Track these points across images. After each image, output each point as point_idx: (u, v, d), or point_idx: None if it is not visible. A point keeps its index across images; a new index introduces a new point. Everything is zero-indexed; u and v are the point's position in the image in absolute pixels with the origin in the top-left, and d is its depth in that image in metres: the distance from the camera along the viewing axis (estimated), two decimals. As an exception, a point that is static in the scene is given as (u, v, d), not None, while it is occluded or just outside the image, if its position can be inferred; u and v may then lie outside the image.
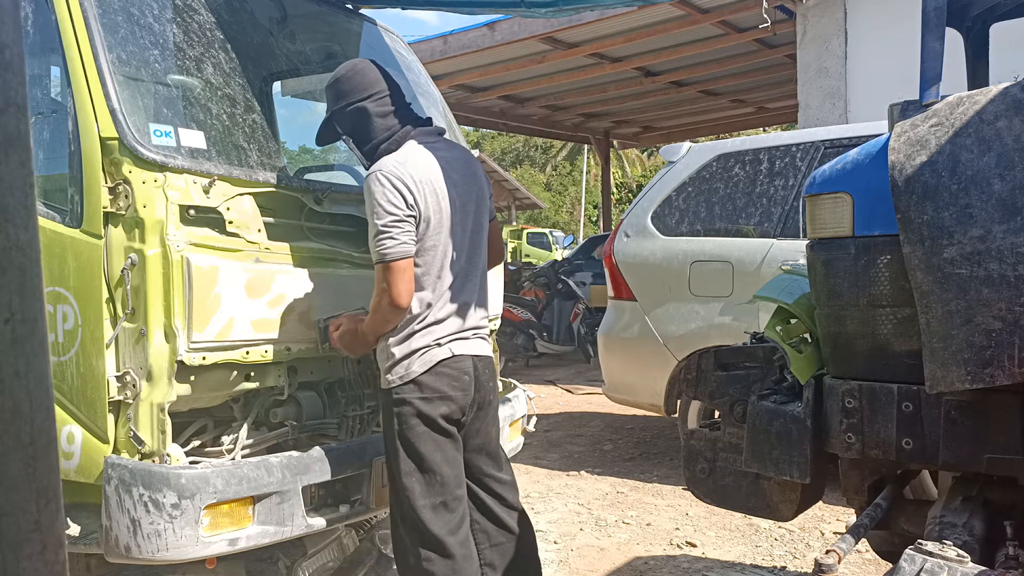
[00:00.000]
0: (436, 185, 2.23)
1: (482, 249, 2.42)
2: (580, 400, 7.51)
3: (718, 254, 4.48)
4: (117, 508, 2.05)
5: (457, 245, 2.30)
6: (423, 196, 2.19)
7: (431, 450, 2.24)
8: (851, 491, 2.19)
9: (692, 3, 7.60)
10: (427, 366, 2.24)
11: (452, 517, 2.27)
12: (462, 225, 2.31)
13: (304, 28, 2.94)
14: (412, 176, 2.18)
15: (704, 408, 4.31)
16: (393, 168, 2.18)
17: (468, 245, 2.34)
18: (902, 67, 3.70)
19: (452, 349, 2.28)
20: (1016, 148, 1.70)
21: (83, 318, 2.15)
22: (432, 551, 2.22)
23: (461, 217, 2.31)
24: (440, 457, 2.26)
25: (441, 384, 2.25)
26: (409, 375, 2.24)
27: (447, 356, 2.27)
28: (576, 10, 3.09)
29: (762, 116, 14.05)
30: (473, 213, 2.37)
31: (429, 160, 2.26)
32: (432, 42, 9.23)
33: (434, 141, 2.34)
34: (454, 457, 2.30)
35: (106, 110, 2.12)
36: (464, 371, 2.30)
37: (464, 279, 2.33)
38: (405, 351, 2.24)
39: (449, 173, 2.29)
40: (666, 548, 3.72)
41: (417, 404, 2.23)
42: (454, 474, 2.29)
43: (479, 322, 2.40)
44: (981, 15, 2.46)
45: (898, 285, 1.88)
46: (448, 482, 2.26)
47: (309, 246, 2.47)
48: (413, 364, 2.24)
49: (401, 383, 2.24)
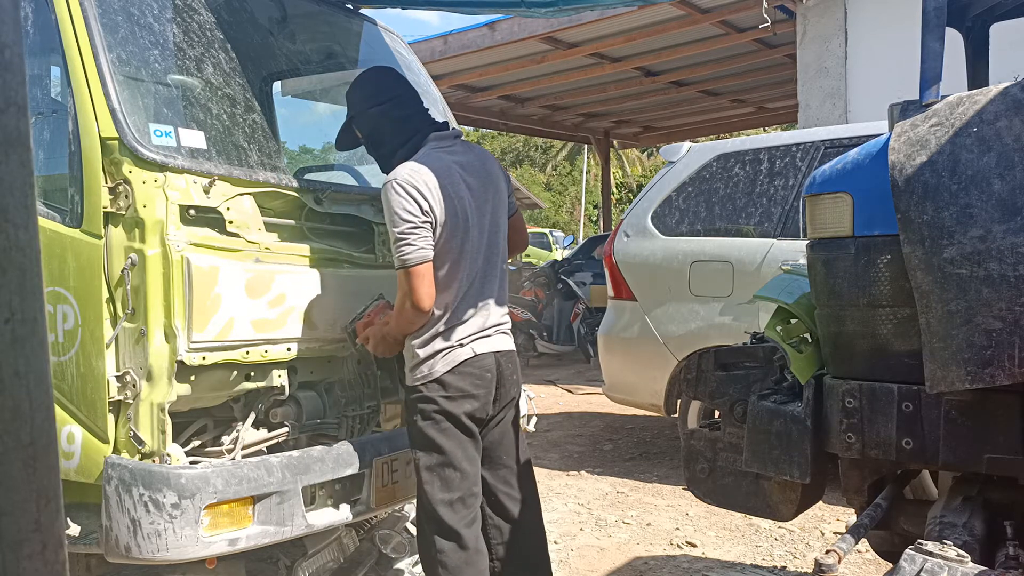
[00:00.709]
0: (451, 190, 2.27)
1: (500, 248, 2.46)
2: (580, 400, 7.51)
3: (718, 254, 4.48)
4: (117, 508, 2.05)
5: (475, 247, 2.34)
6: (438, 201, 2.22)
7: (452, 447, 2.30)
8: (851, 491, 2.19)
9: (692, 3, 7.60)
10: (450, 366, 2.29)
11: (468, 512, 2.32)
12: (479, 227, 2.35)
13: (304, 28, 2.94)
14: (426, 183, 2.22)
15: (704, 408, 4.32)
16: (408, 176, 2.21)
17: (486, 246, 2.38)
18: (902, 67, 3.70)
19: (474, 348, 2.33)
20: (1016, 148, 1.70)
21: (83, 318, 2.15)
22: (448, 543, 2.27)
23: (478, 219, 2.35)
24: (461, 454, 2.31)
25: (464, 383, 2.30)
26: (433, 374, 2.29)
27: (469, 356, 2.31)
28: (576, 10, 3.09)
29: (762, 116, 14.05)
30: (490, 214, 2.40)
31: (444, 165, 2.30)
32: (432, 42, 9.22)
33: (450, 145, 2.39)
34: (473, 455, 2.36)
35: (106, 110, 2.12)
36: (487, 369, 2.35)
37: (483, 279, 2.37)
38: (429, 352, 2.29)
39: (464, 177, 2.33)
40: (666, 548, 3.72)
41: (441, 402, 2.28)
42: (473, 471, 2.35)
43: (500, 319, 2.44)
44: (981, 15, 2.46)
45: (898, 285, 1.88)
46: (468, 478, 2.32)
47: (309, 246, 2.47)
48: (436, 364, 2.29)
49: (425, 381, 2.30)
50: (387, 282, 2.62)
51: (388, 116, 2.37)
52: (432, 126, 2.40)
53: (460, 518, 2.29)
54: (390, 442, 2.59)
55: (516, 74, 10.23)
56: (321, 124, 3.83)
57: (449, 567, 2.26)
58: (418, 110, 2.43)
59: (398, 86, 2.43)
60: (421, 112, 2.43)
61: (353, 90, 2.43)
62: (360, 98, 2.41)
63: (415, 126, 2.38)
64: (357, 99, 2.42)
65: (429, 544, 2.30)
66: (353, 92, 2.43)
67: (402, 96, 2.41)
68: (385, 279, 2.62)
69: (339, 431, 2.60)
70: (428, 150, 2.33)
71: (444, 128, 2.42)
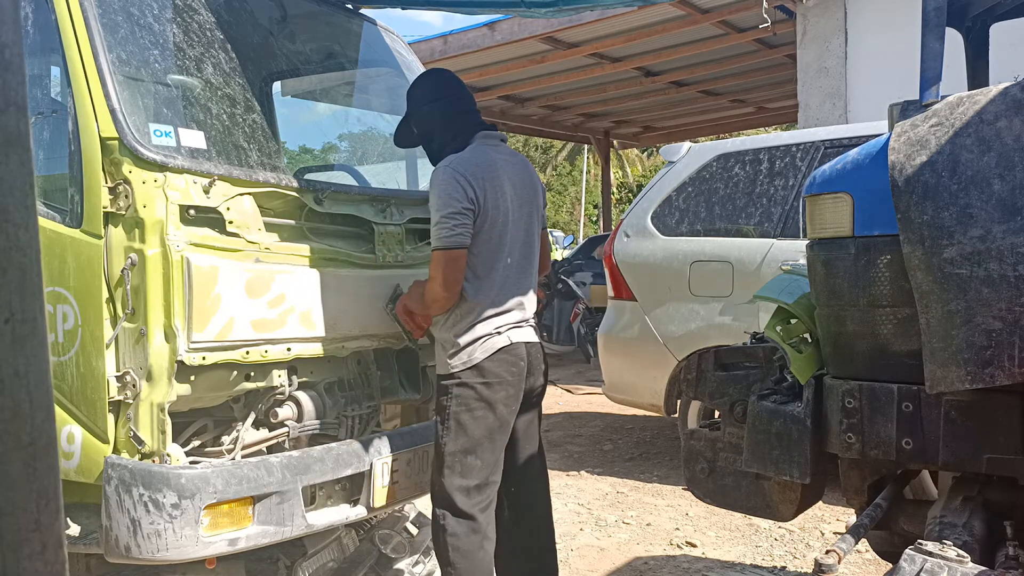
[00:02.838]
0: (497, 182, 2.40)
1: (535, 249, 2.59)
2: (580, 400, 7.51)
3: (718, 254, 4.48)
4: (117, 508, 2.05)
5: (514, 241, 2.46)
6: (483, 191, 2.35)
7: (482, 435, 2.38)
8: (851, 491, 2.19)
9: (692, 3, 7.60)
10: (488, 353, 2.39)
11: (483, 499, 2.40)
12: (518, 224, 2.48)
13: (304, 28, 2.94)
14: (474, 173, 2.35)
15: (704, 408, 4.31)
16: (457, 163, 2.36)
17: (522, 243, 2.51)
18: (902, 67, 3.70)
19: (510, 337, 2.44)
20: (1016, 148, 1.70)
21: (83, 318, 2.15)
22: (461, 526, 2.35)
23: (517, 216, 2.47)
24: (488, 444, 2.40)
25: (501, 370, 2.40)
26: (472, 360, 2.38)
27: (506, 344, 2.42)
28: (576, 10, 3.09)
29: (762, 116, 14.05)
30: (527, 216, 2.53)
31: (491, 160, 2.44)
32: (432, 42, 9.22)
33: (496, 145, 2.53)
34: (500, 443, 2.45)
35: (106, 110, 2.12)
36: (520, 357, 2.46)
37: (520, 273, 2.50)
38: (469, 339, 2.39)
39: (509, 174, 2.47)
40: (666, 548, 3.72)
41: (479, 388, 2.37)
42: (495, 459, 2.43)
43: (532, 314, 2.58)
44: (981, 15, 2.46)
45: (898, 285, 1.88)
46: (488, 467, 2.40)
47: (309, 246, 2.47)
48: (476, 351, 2.38)
49: (464, 367, 2.38)
50: (387, 282, 2.62)
51: (441, 113, 2.52)
52: (481, 126, 2.54)
53: (475, 503, 2.37)
54: (390, 442, 2.59)
55: (516, 74, 10.23)
56: (321, 124, 3.83)
57: (462, 550, 2.33)
58: (469, 110, 2.58)
59: (451, 87, 2.58)
60: (472, 112, 2.58)
61: (412, 88, 2.61)
62: (417, 95, 2.57)
63: (465, 124, 2.52)
64: (413, 97, 2.58)
65: (441, 527, 2.36)
66: (412, 90, 2.60)
67: (455, 96, 2.56)
68: (385, 279, 2.62)
69: (339, 431, 2.60)
70: (476, 146, 2.46)
71: (492, 130, 2.56)
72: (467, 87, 2.65)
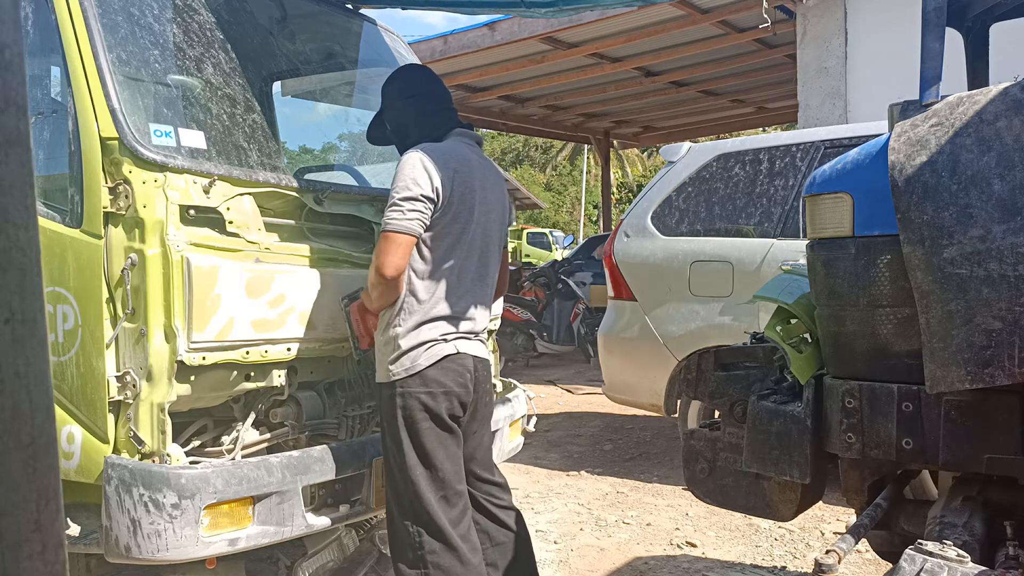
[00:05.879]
0: (468, 178, 2.32)
1: (495, 259, 2.47)
2: (580, 400, 7.51)
3: (718, 254, 4.48)
4: (117, 508, 2.05)
5: (474, 243, 2.35)
6: (451, 181, 2.25)
7: (434, 445, 2.27)
8: (851, 491, 2.19)
9: (692, 3, 7.60)
10: (433, 360, 2.26)
11: (452, 511, 2.29)
12: (481, 226, 2.37)
13: (304, 28, 2.94)
14: (446, 162, 2.26)
15: (704, 408, 4.32)
16: (429, 150, 2.27)
17: (482, 250, 2.39)
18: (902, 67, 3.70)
19: (457, 346, 2.31)
20: (1016, 148, 1.70)
21: (83, 318, 2.15)
22: (437, 544, 2.24)
23: (483, 220, 2.37)
24: (443, 453, 2.28)
25: (446, 379, 2.27)
26: (415, 367, 2.25)
27: (452, 352, 2.30)
28: (576, 10, 3.09)
29: (762, 116, 14.04)
30: (493, 224, 2.43)
31: (464, 156, 2.36)
32: (432, 42, 9.22)
33: (471, 144, 2.45)
34: (455, 453, 2.33)
35: (106, 110, 2.12)
36: (467, 368, 2.33)
37: (476, 280, 2.38)
38: (412, 342, 2.26)
39: (481, 176, 2.38)
40: (666, 548, 3.72)
41: (422, 398, 2.25)
42: (455, 469, 2.32)
43: (484, 328, 2.45)
44: (981, 15, 2.46)
45: (898, 285, 1.88)
46: (449, 477, 2.29)
47: (309, 246, 2.47)
48: (419, 357, 2.26)
49: (406, 375, 2.25)
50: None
51: (415, 109, 2.44)
52: (457, 124, 2.46)
53: (446, 517, 2.26)
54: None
55: (516, 74, 10.23)
56: (321, 124, 3.83)
57: (442, 567, 2.23)
58: (445, 107, 2.49)
59: (428, 83, 2.50)
60: (448, 110, 2.49)
61: (386, 84, 2.52)
62: (391, 91, 2.49)
63: (441, 121, 2.43)
64: (388, 92, 2.50)
65: (416, 545, 2.25)
66: (386, 86, 2.51)
67: (431, 92, 2.48)
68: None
69: (339, 431, 2.60)
70: (451, 141, 2.39)
71: (469, 128, 2.49)
72: (444, 83, 2.56)
